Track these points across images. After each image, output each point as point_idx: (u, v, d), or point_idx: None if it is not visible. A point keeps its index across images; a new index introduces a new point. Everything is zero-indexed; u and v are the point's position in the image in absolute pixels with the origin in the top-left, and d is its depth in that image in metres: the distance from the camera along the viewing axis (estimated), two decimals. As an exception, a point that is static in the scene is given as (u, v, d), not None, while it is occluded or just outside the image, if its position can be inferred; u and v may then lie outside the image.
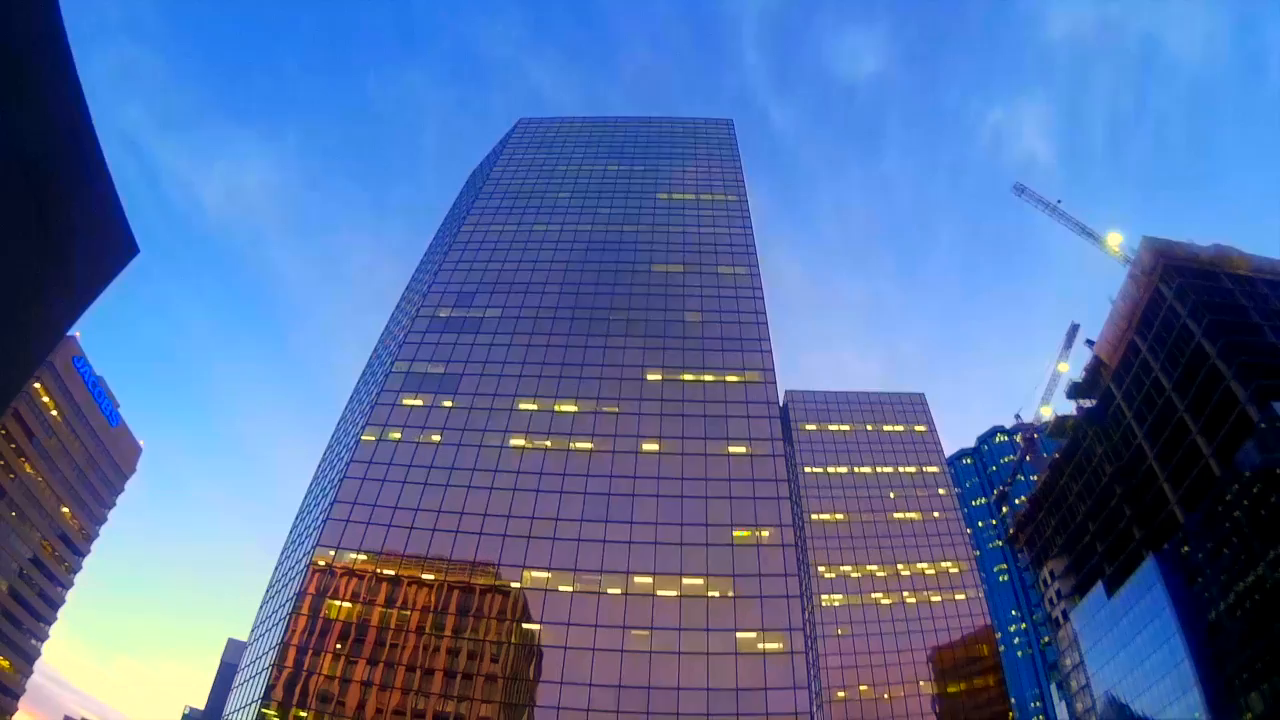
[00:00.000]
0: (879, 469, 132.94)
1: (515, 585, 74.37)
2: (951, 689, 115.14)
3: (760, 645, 69.35)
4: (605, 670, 68.09)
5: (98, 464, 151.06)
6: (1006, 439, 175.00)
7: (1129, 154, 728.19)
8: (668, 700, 66.68)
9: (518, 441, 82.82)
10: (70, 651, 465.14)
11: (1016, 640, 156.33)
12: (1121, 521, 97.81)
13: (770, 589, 71.77)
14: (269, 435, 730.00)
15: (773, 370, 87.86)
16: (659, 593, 72.29)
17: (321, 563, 77.80)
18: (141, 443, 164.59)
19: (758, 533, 75.11)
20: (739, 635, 69.81)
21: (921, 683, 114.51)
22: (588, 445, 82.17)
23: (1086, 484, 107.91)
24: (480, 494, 77.93)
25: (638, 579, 72.72)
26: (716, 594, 72.19)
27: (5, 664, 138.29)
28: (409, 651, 73.06)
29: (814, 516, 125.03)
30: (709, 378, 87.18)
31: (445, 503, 77.73)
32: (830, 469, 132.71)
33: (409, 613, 75.07)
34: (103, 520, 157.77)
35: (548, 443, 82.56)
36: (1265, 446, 73.69)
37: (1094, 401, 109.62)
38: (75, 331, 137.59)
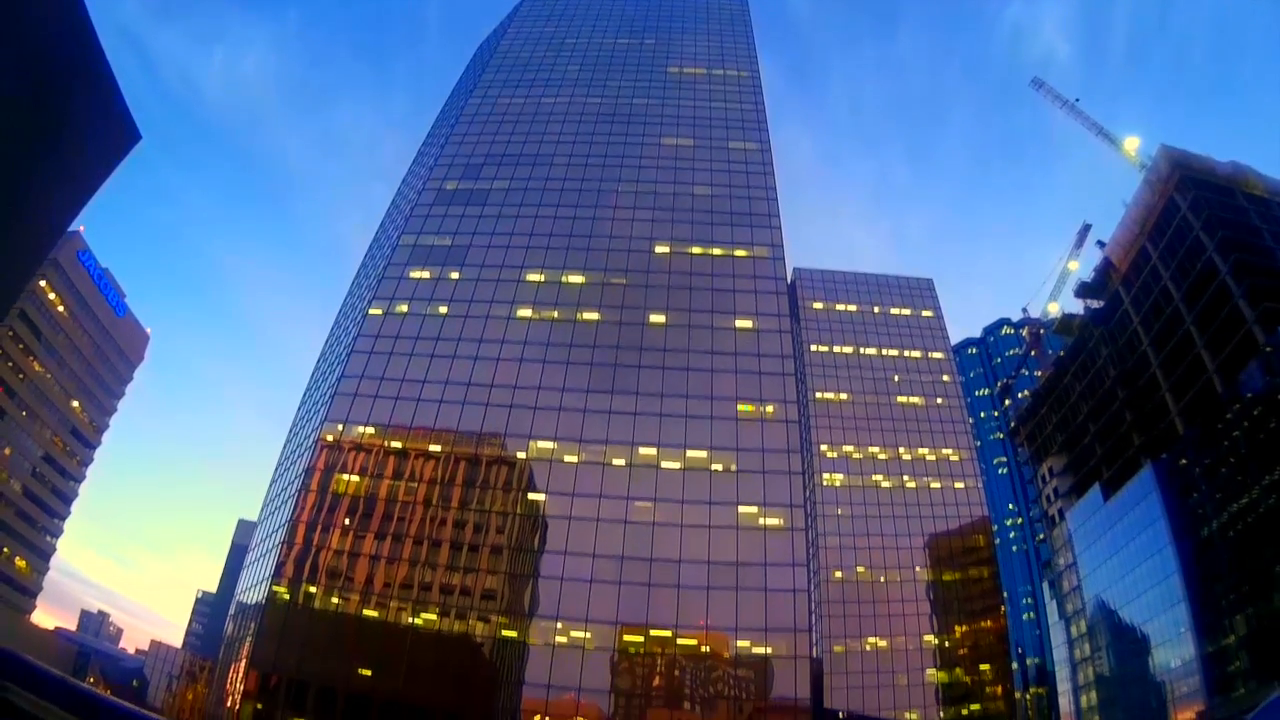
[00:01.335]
0: (884, 351, 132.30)
1: (521, 456, 74.67)
2: (947, 577, 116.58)
3: (761, 520, 69.74)
4: (608, 541, 68.73)
5: (106, 356, 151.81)
6: (1012, 332, 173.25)
7: (1148, 63, 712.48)
8: (669, 572, 67.46)
9: (524, 313, 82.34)
10: (84, 545, 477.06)
11: (1012, 535, 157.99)
12: (1122, 426, 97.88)
13: (773, 464, 71.90)
14: (277, 314, 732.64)
15: (781, 246, 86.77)
16: (662, 465, 72.47)
17: (329, 438, 78.11)
18: (149, 330, 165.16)
19: (762, 408, 75.01)
20: (740, 509, 70.15)
21: (918, 568, 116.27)
22: (594, 316, 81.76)
23: (1090, 385, 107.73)
24: (487, 365, 77.85)
25: (642, 450, 72.92)
26: (719, 467, 72.36)
27: (22, 564, 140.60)
28: (416, 524, 73.89)
29: (818, 395, 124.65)
30: (717, 252, 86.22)
31: (452, 374, 77.66)
32: (836, 348, 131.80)
33: (416, 485, 75.63)
34: (112, 411, 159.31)
35: (554, 314, 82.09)
36: (1269, 370, 73.36)
37: (1102, 303, 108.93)
38: (79, 226, 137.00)
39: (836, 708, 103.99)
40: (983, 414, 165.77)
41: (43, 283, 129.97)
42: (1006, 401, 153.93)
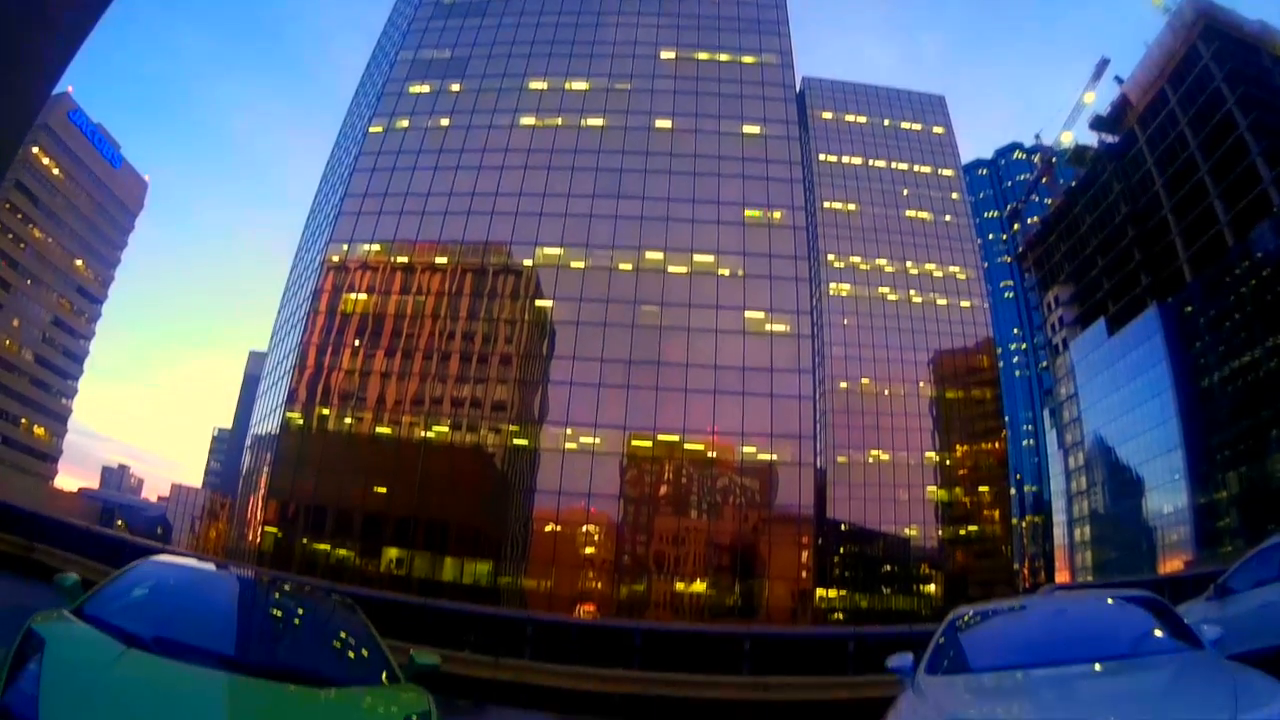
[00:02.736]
0: (894, 164, 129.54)
1: (527, 263, 74.83)
2: (950, 394, 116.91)
3: (767, 326, 70.02)
4: (616, 346, 69.12)
5: (105, 209, 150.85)
6: (1024, 157, 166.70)
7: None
8: (676, 375, 68.21)
9: (528, 121, 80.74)
10: (99, 401, 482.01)
11: (1016, 360, 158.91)
12: (1130, 264, 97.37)
13: (780, 270, 71.75)
14: (276, 145, 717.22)
15: (790, 54, 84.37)
16: (669, 269, 72.56)
17: (335, 259, 78.16)
18: (147, 178, 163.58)
19: (769, 214, 74.40)
20: (747, 314, 70.42)
21: (921, 383, 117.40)
22: (599, 122, 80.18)
23: (1100, 218, 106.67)
24: (491, 174, 76.81)
25: (648, 255, 72.77)
26: (726, 272, 72.34)
27: (41, 432, 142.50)
28: (425, 338, 74.50)
29: (826, 204, 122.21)
30: (724, 58, 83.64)
31: (456, 186, 76.72)
32: (845, 159, 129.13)
33: (424, 299, 76.07)
34: (116, 264, 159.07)
35: (558, 121, 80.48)
36: (1282, 233, 72.69)
37: (1116, 139, 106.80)
38: (67, 87, 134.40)
39: (839, 519, 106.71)
40: (990, 236, 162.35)
41: (35, 149, 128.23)
42: (1015, 226, 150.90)
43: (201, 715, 5.15)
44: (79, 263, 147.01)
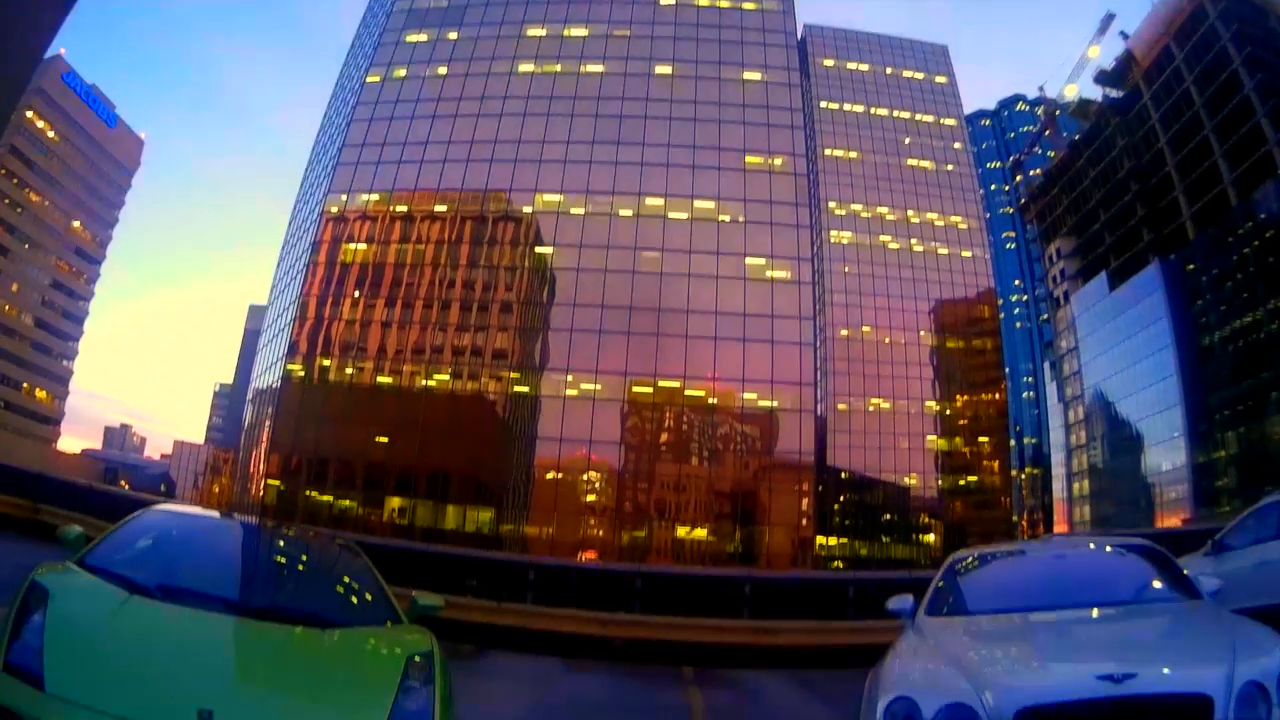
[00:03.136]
0: (896, 113, 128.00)
1: (527, 210, 74.30)
2: (950, 344, 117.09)
3: (768, 273, 69.68)
4: (616, 292, 68.92)
5: (102, 170, 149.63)
6: (1027, 109, 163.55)
7: None
8: (677, 322, 68.04)
9: (526, 67, 79.43)
10: (99, 362, 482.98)
11: (1017, 311, 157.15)
12: (1132, 219, 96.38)
13: (780, 217, 71.18)
14: (272, 96, 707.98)
15: (791, 0, 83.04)
16: (669, 215, 71.95)
17: (334, 210, 77.63)
18: (143, 136, 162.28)
19: (770, 160, 73.58)
20: (748, 261, 70.03)
21: (922, 332, 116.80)
22: (599, 69, 78.93)
23: (1102, 173, 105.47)
24: (490, 122, 75.76)
25: (649, 201, 72.10)
26: (727, 218, 71.76)
27: (43, 395, 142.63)
28: (425, 287, 74.19)
29: (828, 152, 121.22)
30: (724, 3, 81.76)
31: (454, 134, 75.81)
32: (847, 106, 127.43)
33: (423, 247, 75.69)
34: (114, 223, 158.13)
35: (558, 67, 79.18)
36: (1287, 197, 71.91)
37: (1121, 94, 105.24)
38: (60, 49, 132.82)
39: (839, 466, 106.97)
40: (993, 186, 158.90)
41: (29, 113, 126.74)
42: (1018, 177, 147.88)
43: (207, 658, 5.16)
44: (76, 224, 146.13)
